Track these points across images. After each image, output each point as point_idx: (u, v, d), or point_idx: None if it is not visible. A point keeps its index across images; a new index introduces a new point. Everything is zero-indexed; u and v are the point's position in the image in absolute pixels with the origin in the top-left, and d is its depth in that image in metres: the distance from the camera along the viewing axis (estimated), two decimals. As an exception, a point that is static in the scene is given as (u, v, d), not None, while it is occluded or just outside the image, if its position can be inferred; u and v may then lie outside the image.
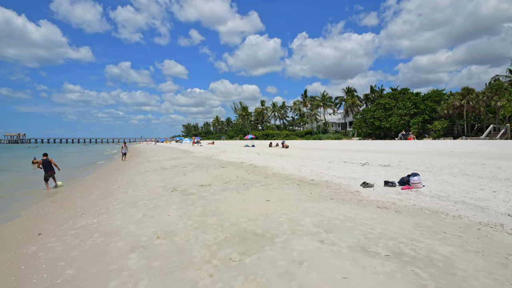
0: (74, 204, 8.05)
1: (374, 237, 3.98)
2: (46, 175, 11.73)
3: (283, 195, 6.78)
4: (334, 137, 66.93)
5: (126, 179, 12.00)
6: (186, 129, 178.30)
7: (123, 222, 5.56)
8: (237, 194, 7.21)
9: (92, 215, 6.41)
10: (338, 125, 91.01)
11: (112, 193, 9.08)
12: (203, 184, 8.92)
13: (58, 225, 6.02)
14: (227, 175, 10.51)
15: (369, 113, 54.81)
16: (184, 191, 8.06)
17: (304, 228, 4.42)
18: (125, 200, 7.71)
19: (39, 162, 11.96)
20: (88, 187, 11.27)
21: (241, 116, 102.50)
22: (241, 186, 8.26)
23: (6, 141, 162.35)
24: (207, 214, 5.50)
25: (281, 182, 8.56)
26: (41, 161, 11.83)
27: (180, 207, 6.29)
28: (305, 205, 5.77)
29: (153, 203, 6.92)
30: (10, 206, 8.73)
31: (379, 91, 74.32)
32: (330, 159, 15.15)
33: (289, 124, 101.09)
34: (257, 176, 9.96)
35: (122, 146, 25.71)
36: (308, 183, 8.27)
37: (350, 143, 39.03)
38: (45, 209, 7.83)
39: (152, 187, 9.27)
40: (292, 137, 79.78)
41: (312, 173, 10.19)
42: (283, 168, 11.94)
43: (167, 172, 12.74)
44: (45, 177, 11.73)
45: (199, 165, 14.57)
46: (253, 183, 8.64)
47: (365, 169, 10.58)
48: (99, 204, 7.61)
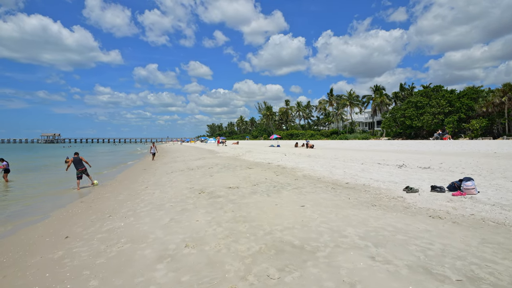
0: (102, 205, 7.98)
1: (435, 254, 3.37)
2: (77, 172, 12.07)
3: (318, 200, 6.25)
4: (361, 137, 64.73)
5: (153, 180, 11.95)
6: (210, 129, 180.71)
7: (150, 227, 5.30)
8: (267, 198, 6.77)
9: (119, 218, 6.23)
10: (365, 125, 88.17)
11: (140, 194, 8.96)
12: (231, 186, 8.57)
13: (85, 227, 5.88)
14: (255, 176, 10.11)
15: (399, 112, 52.38)
16: (211, 194, 7.74)
17: (348, 241, 3.89)
18: (152, 202, 7.52)
19: (70, 160, 12.29)
20: (117, 187, 11.31)
21: (265, 116, 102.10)
22: (271, 189, 7.82)
23: (43, 141, 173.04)
24: (238, 220, 5.10)
25: (313, 185, 8.02)
26: (72, 160, 12.17)
27: (209, 211, 5.95)
28: (345, 212, 5.21)
29: (180, 206, 6.64)
30: (42, 206, 8.86)
31: (409, 89, 71.01)
32: (362, 160, 14.32)
33: (314, 124, 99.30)
34: (286, 178, 9.46)
35: (151, 146, 26.06)
36: (343, 187, 7.67)
37: (379, 143, 37.41)
38: (74, 210, 7.82)
39: (179, 188, 9.06)
40: (318, 137, 78.23)
41: (345, 175, 9.54)
42: (313, 169, 11.35)
43: (194, 172, 12.56)
44: (77, 174, 12.08)
45: (225, 165, 14.30)
46: (284, 186, 8.16)
47: (403, 172, 9.76)
48: (127, 205, 7.47)
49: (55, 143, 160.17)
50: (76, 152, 12.90)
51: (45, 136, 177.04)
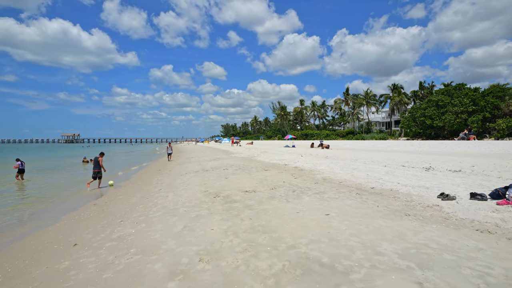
0: (115, 209, 7.71)
1: (499, 283, 2.80)
2: (93, 172, 12.25)
3: (344, 207, 5.71)
4: (379, 137, 63.04)
5: (167, 181, 11.67)
6: (224, 129, 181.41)
7: (162, 235, 4.92)
8: (287, 203, 6.28)
9: (131, 224, 5.90)
10: (381, 125, 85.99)
11: (153, 197, 8.66)
12: (247, 189, 8.12)
13: (95, 233, 5.58)
14: (272, 179, 9.62)
15: (419, 111, 50.55)
16: (227, 198, 7.32)
17: (386, 260, 3.35)
18: (165, 206, 7.17)
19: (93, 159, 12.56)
20: (131, 189, 11.10)
21: (280, 115, 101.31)
22: (290, 193, 7.32)
23: (63, 141, 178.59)
24: (257, 230, 4.64)
25: (336, 190, 7.46)
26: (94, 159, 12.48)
27: (224, 218, 5.52)
28: (376, 223, 4.65)
29: (195, 212, 6.25)
30: (55, 209, 8.70)
31: (429, 88, 68.69)
32: (384, 162, 13.58)
33: (329, 123, 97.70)
34: (306, 182, 8.93)
35: (167, 146, 25.96)
36: (369, 192, 7.07)
37: (398, 144, 36.12)
38: (86, 213, 7.58)
39: (193, 191, 8.69)
40: (333, 137, 76.83)
41: (369, 179, 8.91)
42: (333, 172, 10.75)
43: (208, 174, 12.21)
44: (92, 175, 12.29)
45: (240, 167, 13.89)
46: (303, 190, 7.65)
47: (432, 175, 9.04)
48: (139, 209, 7.16)
49: (74, 143, 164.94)
50: (101, 152, 13.02)
51: (65, 136, 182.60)
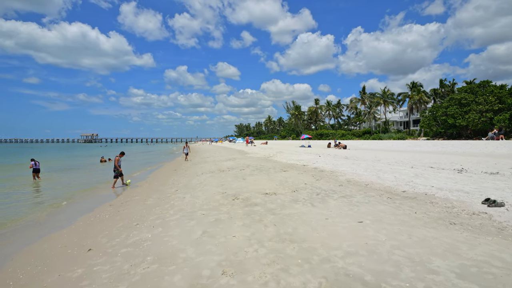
0: (131, 210, 7.45)
1: None
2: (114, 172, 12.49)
3: (377, 213, 5.18)
4: (397, 137, 61.22)
5: (183, 182, 11.40)
6: (238, 129, 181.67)
7: (180, 241, 4.56)
8: (312, 208, 5.81)
9: (147, 227, 5.59)
10: (399, 124, 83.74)
11: (169, 198, 8.37)
12: (267, 192, 7.69)
13: (110, 238, 5.29)
14: (293, 181, 9.15)
15: (440, 110, 48.65)
16: (246, 200, 6.92)
17: (443, 280, 2.85)
18: (183, 208, 6.84)
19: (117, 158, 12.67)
20: (146, 189, 10.89)
21: (294, 115, 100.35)
22: (314, 196, 6.83)
23: (82, 140, 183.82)
24: (284, 239, 4.20)
25: (364, 194, 6.92)
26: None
27: (246, 224, 5.11)
28: (419, 233, 4.12)
29: (213, 215, 5.88)
30: (71, 210, 8.55)
31: (450, 85, 66.18)
32: (410, 162, 12.84)
33: (345, 123, 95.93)
34: (329, 184, 8.42)
35: (184, 146, 25.80)
36: (401, 196, 6.50)
37: (419, 144, 34.79)
38: (102, 215, 7.35)
39: (211, 193, 8.34)
40: (349, 136, 75.29)
41: (398, 181, 8.30)
42: (356, 173, 10.17)
43: (225, 175, 11.86)
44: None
45: (257, 167, 13.47)
46: (328, 193, 7.14)
47: (468, 178, 8.33)
48: (155, 212, 6.86)
49: (93, 143, 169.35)
50: (121, 152, 13.10)
51: (84, 136, 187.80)
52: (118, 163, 12.39)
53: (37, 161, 15.04)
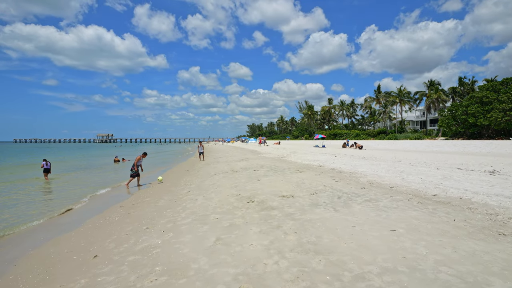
0: (141, 213, 7.13)
1: None
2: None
3: (410, 220, 4.64)
4: (414, 137, 59.49)
5: (195, 182, 11.07)
6: (250, 129, 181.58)
7: (192, 249, 4.16)
8: (335, 213, 5.31)
9: (157, 232, 5.23)
10: (415, 124, 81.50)
11: (181, 199, 8.03)
12: (284, 194, 7.23)
13: (118, 242, 4.95)
14: (310, 182, 8.65)
15: (460, 109, 46.89)
16: (262, 204, 6.48)
17: (510, 308, 2.32)
18: (195, 211, 6.46)
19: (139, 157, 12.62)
20: (158, 190, 10.60)
21: (307, 115, 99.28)
22: (335, 200, 6.32)
23: (98, 140, 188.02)
24: (307, 250, 3.73)
25: (390, 197, 6.36)
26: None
27: (263, 230, 4.67)
28: (465, 245, 3.57)
29: (228, 220, 5.47)
30: (81, 211, 8.33)
31: (470, 84, 63.79)
32: (434, 163, 12.10)
33: (358, 123, 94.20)
34: (350, 186, 7.88)
35: (198, 145, 25.52)
36: (433, 201, 5.91)
37: (439, 144, 33.52)
38: (111, 217, 7.07)
39: (224, 194, 7.95)
40: (363, 136, 73.80)
41: (425, 184, 7.68)
42: (377, 175, 9.57)
43: (238, 175, 11.46)
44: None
45: (272, 168, 13.01)
46: (351, 196, 6.61)
47: (504, 181, 7.63)
48: (166, 214, 6.51)
49: (108, 143, 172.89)
50: (144, 152, 13.09)
51: (100, 136, 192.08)
52: (138, 163, 12.21)
53: (49, 162, 15.07)
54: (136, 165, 12.21)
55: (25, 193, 11.44)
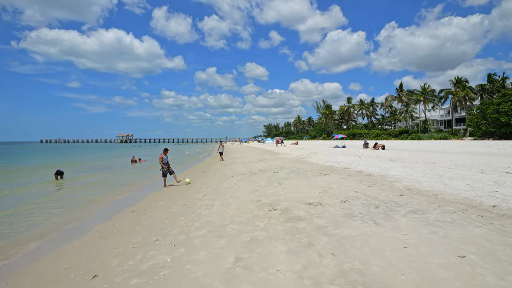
0: (152, 220, 6.50)
1: None
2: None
3: (478, 242, 3.69)
4: (439, 137, 56.74)
5: (212, 185, 10.39)
6: (267, 129, 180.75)
7: (206, 273, 3.42)
8: (377, 228, 4.42)
9: (167, 246, 4.53)
10: (439, 123, 77.98)
11: (196, 205, 7.34)
12: (311, 201, 6.38)
13: (123, 258, 4.29)
14: (338, 187, 7.75)
15: (491, 107, 44.11)
16: (287, 212, 5.66)
17: None
18: (210, 220, 5.74)
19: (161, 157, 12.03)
20: (172, 193, 10.01)
21: (324, 114, 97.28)
22: (373, 210, 5.42)
23: (118, 141, 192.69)
24: (353, 282, 2.89)
25: (439, 208, 5.38)
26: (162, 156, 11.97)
27: (291, 249, 3.86)
28: None
29: (248, 233, 4.70)
30: (90, 215, 7.80)
31: (500, 80, 60.11)
32: (475, 166, 10.86)
33: (378, 122, 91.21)
34: (385, 192, 6.92)
35: (219, 145, 24.91)
36: (496, 214, 4.90)
37: (469, 144, 31.44)
38: (121, 224, 6.47)
39: (243, 200, 7.19)
40: (384, 136, 71.29)
41: (475, 191, 6.61)
42: (414, 179, 8.53)
43: (257, 178, 10.69)
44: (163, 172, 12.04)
45: (292, 170, 12.16)
46: (390, 206, 5.68)
47: None
48: (179, 223, 5.82)
49: (128, 143, 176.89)
50: (165, 148, 12.33)
51: (120, 136, 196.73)
52: (163, 161, 11.75)
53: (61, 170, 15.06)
54: (163, 164, 11.74)
55: (34, 196, 11.15)
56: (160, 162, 11.77)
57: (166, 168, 11.82)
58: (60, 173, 14.78)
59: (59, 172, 14.77)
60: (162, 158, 11.74)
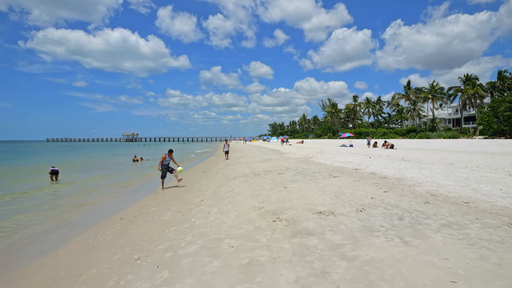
0: (140, 230, 5.70)
1: None
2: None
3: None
4: (448, 135, 55.38)
5: (211, 188, 9.59)
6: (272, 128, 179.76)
7: (189, 313, 2.59)
8: (407, 248, 3.55)
9: (149, 268, 3.72)
10: (447, 122, 76.36)
11: (191, 212, 6.54)
12: (321, 210, 5.52)
13: (92, 285, 3.50)
14: (352, 192, 6.86)
15: (503, 105, 42.70)
16: (293, 224, 4.82)
17: None
18: (204, 232, 4.92)
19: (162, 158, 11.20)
20: (168, 196, 9.23)
21: (330, 113, 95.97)
22: (397, 222, 4.54)
23: (124, 139, 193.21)
24: None
25: (477, 221, 4.48)
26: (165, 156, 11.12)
27: (301, 279, 3.01)
28: None
29: (247, 251, 3.86)
30: (74, 222, 7.01)
31: (511, 77, 58.28)
32: (499, 168, 9.88)
33: (385, 121, 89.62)
34: (406, 199, 6.03)
35: (224, 144, 24.20)
36: (552, 230, 3.99)
37: (482, 143, 30.23)
38: (104, 234, 5.69)
39: (243, 206, 6.37)
40: (391, 135, 69.91)
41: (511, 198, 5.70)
42: (435, 183, 7.62)
43: (261, 180, 9.85)
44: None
45: (298, 171, 11.29)
46: (417, 217, 4.79)
47: None
48: (168, 236, 5.02)
49: (133, 142, 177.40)
50: (169, 149, 11.34)
51: (125, 135, 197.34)
52: (164, 162, 10.99)
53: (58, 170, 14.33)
54: (162, 165, 10.95)
55: (21, 198, 10.46)
56: (159, 163, 10.99)
57: (165, 170, 11.05)
58: (55, 172, 14.11)
59: (54, 171, 14.09)
60: (164, 159, 10.96)
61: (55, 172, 14.09)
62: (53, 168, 14.15)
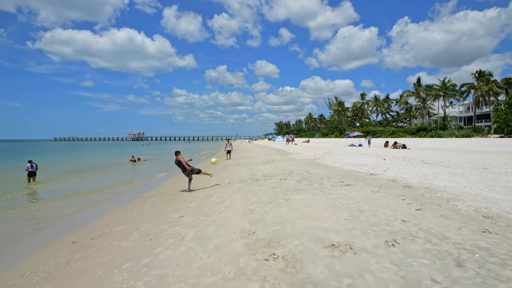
0: (84, 265, 4.15)
1: None
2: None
3: None
4: (460, 134, 52.94)
5: (199, 198, 8.04)
6: (278, 127, 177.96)
7: None
8: None
9: None
10: (458, 120, 73.71)
11: (161, 236, 4.97)
12: (335, 240, 3.89)
13: None
14: (373, 211, 5.20)
15: (522, 102, 40.24)
16: (294, 267, 3.20)
17: None
18: (164, 277, 3.35)
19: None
20: (147, 208, 7.68)
21: (337, 111, 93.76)
22: (457, 274, 2.90)
23: (130, 138, 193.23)
24: None
25: None
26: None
27: None
28: None
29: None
30: (14, 248, 5.45)
31: (528, 73, 55.51)
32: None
33: (393, 119, 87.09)
34: (454, 224, 4.36)
35: (226, 143, 22.84)
36: None
37: (501, 142, 28.15)
38: (35, 272, 4.14)
39: (229, 230, 4.78)
40: (400, 134, 67.65)
41: None
42: (480, 195, 5.92)
43: (258, 188, 8.25)
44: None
45: (304, 176, 9.65)
46: (484, 262, 3.14)
47: None
48: (114, 280, 3.45)
49: (139, 141, 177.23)
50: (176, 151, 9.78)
51: (132, 134, 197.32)
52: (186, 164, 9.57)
53: (35, 164, 12.90)
54: (187, 165, 9.50)
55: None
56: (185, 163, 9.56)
57: (190, 170, 9.54)
58: (32, 174, 12.73)
59: (31, 172, 12.70)
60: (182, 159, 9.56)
61: (32, 174, 12.71)
62: (31, 169, 12.75)
